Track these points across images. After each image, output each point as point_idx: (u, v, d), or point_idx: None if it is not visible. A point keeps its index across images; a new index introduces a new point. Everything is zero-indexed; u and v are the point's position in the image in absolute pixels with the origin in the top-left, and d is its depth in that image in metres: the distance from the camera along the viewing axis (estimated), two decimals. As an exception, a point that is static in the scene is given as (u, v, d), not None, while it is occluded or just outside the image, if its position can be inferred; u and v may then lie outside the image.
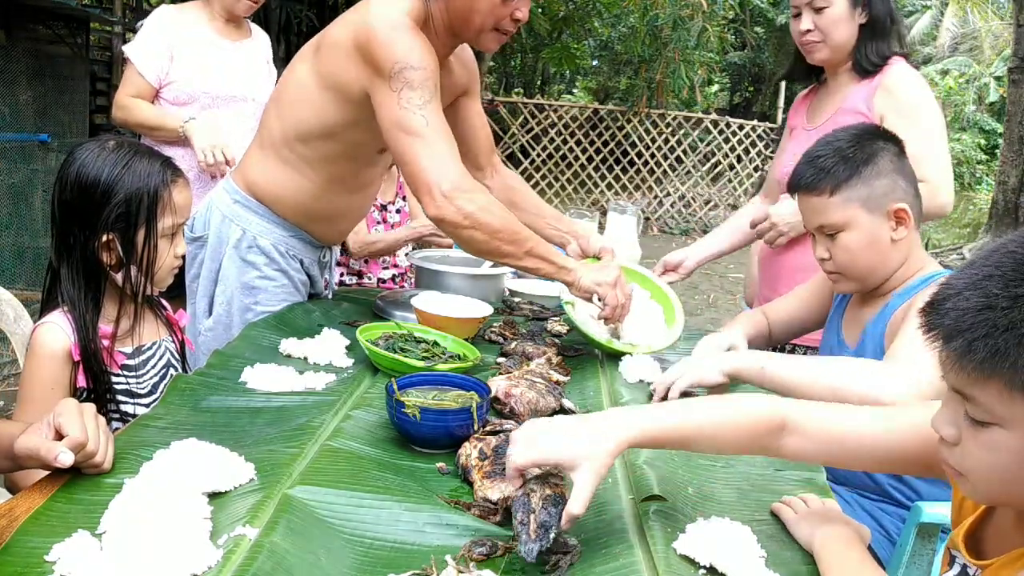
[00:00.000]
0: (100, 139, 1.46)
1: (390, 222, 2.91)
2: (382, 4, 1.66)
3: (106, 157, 1.40)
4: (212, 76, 2.58)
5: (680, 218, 9.93)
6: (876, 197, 1.48)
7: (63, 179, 1.40)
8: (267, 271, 1.89)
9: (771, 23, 10.74)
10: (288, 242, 1.91)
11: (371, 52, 1.61)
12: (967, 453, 0.79)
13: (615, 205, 3.25)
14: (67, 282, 1.41)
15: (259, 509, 0.97)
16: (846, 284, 1.58)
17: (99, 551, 0.86)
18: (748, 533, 0.99)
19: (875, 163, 1.48)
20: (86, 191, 1.38)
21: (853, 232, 1.50)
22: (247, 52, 2.69)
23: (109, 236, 1.40)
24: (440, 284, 2.06)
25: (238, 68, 2.65)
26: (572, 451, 0.92)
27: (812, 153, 1.54)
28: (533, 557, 0.89)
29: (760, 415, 1.00)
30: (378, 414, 1.33)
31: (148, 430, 1.21)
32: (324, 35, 1.76)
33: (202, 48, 2.59)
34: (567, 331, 1.95)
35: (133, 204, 1.40)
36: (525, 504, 0.91)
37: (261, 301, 1.89)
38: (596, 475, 0.92)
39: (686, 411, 1.01)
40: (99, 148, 1.42)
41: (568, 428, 0.97)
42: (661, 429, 0.98)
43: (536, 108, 9.76)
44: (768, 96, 11.44)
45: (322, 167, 1.82)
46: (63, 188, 1.40)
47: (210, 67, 2.58)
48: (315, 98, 1.74)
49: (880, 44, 1.96)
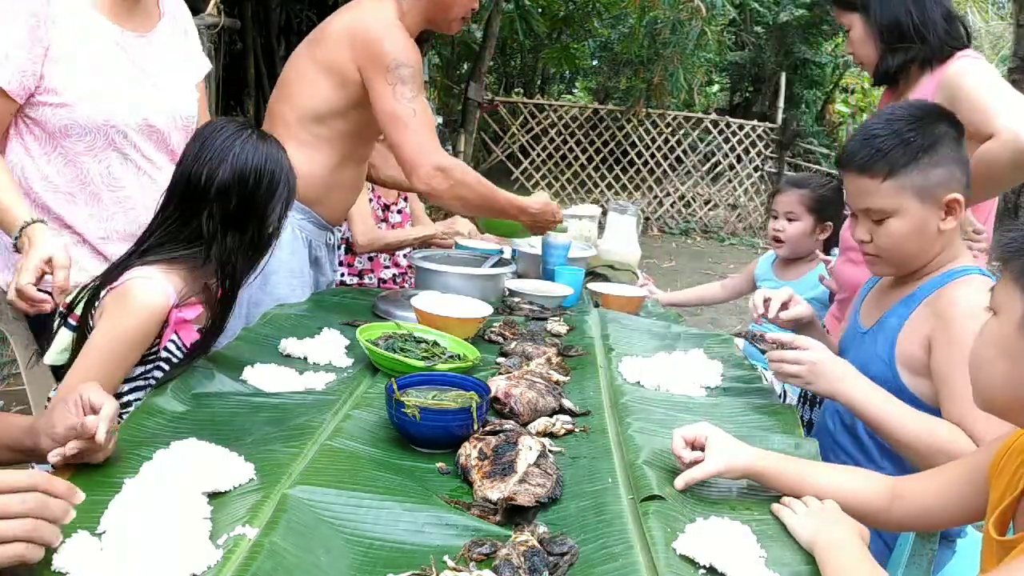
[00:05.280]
0: (229, 120, 1.51)
1: (391, 222, 2.92)
2: (374, 5, 1.93)
3: (266, 146, 1.48)
4: (116, 96, 1.65)
5: (680, 218, 9.92)
6: (931, 187, 1.39)
7: (225, 167, 1.42)
8: (280, 254, 1.96)
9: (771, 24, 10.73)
10: (300, 224, 2.08)
11: (370, 49, 1.89)
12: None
13: (615, 205, 3.25)
14: (227, 252, 1.45)
15: (259, 509, 0.97)
16: (882, 267, 1.51)
17: (99, 551, 0.86)
18: (748, 533, 1.00)
19: (935, 151, 1.39)
20: (254, 179, 1.44)
21: (902, 220, 1.41)
22: (162, 44, 1.78)
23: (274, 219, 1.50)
24: (440, 284, 2.06)
25: (155, 73, 1.74)
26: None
27: (869, 130, 1.43)
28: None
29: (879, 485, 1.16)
30: (378, 414, 1.33)
31: (148, 430, 1.21)
32: (321, 29, 2.00)
33: (94, 47, 1.63)
34: (567, 331, 1.95)
35: (292, 187, 1.51)
36: (509, 565, 0.91)
37: (271, 281, 2.03)
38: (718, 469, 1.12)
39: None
40: (246, 134, 1.47)
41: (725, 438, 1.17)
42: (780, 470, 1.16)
43: (536, 108, 9.75)
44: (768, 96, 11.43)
45: (336, 144, 2.04)
46: (224, 175, 1.42)
47: (111, 81, 1.65)
48: (319, 84, 1.97)
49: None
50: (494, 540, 0.97)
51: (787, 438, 1.33)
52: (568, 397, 1.47)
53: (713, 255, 8.58)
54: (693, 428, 1.17)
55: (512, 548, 0.95)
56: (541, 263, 2.45)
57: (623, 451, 1.25)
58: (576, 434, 1.35)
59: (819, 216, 2.56)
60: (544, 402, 1.38)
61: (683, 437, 1.16)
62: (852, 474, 1.23)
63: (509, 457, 1.13)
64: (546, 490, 1.08)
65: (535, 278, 2.42)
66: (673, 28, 8.14)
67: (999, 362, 0.93)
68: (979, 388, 0.98)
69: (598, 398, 1.51)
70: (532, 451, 1.15)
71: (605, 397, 1.52)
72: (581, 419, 1.41)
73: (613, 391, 1.54)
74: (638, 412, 1.41)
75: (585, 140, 9.72)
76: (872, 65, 2.00)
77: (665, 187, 9.85)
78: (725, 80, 13.41)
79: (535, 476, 1.10)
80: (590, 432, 1.36)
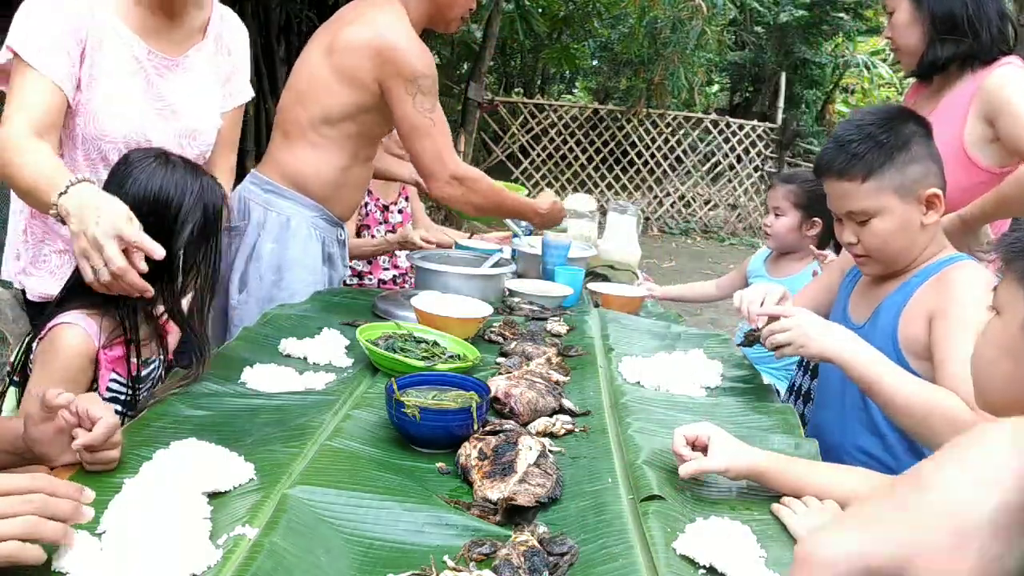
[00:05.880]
0: (148, 150, 1.44)
1: (391, 223, 2.91)
2: (389, 15, 1.99)
3: (176, 174, 1.38)
4: (120, 113, 1.58)
5: (680, 218, 9.92)
6: (909, 184, 1.43)
7: (128, 192, 1.34)
8: (294, 251, 2.11)
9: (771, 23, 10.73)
10: (314, 221, 2.14)
11: (393, 64, 1.96)
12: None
13: (615, 205, 3.26)
14: None
15: (259, 509, 0.97)
16: (873, 267, 1.54)
17: (99, 551, 0.86)
18: (748, 533, 1.00)
19: (909, 148, 1.43)
20: (163, 208, 1.36)
21: (885, 219, 1.45)
22: (193, 68, 1.70)
23: (180, 252, 1.38)
24: (440, 284, 2.06)
25: (173, 99, 1.66)
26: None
27: (843, 136, 1.48)
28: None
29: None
30: (378, 414, 1.33)
31: (148, 430, 1.21)
32: (336, 37, 2.04)
33: (113, 61, 1.57)
34: (567, 331, 1.95)
35: (210, 220, 1.40)
36: (509, 565, 0.91)
37: (286, 278, 2.10)
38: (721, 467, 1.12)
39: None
40: (156, 163, 1.39)
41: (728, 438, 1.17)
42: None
43: (536, 108, 9.75)
44: (768, 96, 11.43)
45: (345, 144, 2.11)
46: (129, 202, 1.30)
47: (120, 97, 1.58)
48: (335, 90, 2.03)
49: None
50: (494, 540, 0.97)
51: (787, 438, 1.34)
52: (568, 397, 1.47)
53: (713, 255, 8.58)
54: (694, 427, 1.17)
55: (512, 548, 0.95)
56: (541, 263, 2.45)
57: (623, 451, 1.25)
58: (576, 434, 1.35)
59: (806, 212, 2.56)
60: (544, 402, 1.38)
61: (684, 436, 1.17)
62: (852, 474, 1.23)
63: (509, 457, 1.13)
64: (546, 490, 1.08)
65: (535, 278, 2.42)
66: (673, 27, 8.15)
67: (1001, 362, 0.93)
68: (980, 388, 0.98)
69: (598, 398, 1.51)
70: (532, 451, 1.15)
71: (605, 397, 1.52)
72: (581, 419, 1.41)
73: (613, 391, 1.54)
74: (638, 412, 1.41)
75: (585, 140, 9.72)
76: (912, 54, 1.96)
77: (665, 187, 9.85)
78: (725, 80, 13.41)
79: (535, 476, 1.10)
80: (590, 432, 1.36)
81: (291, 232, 2.10)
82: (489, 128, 9.62)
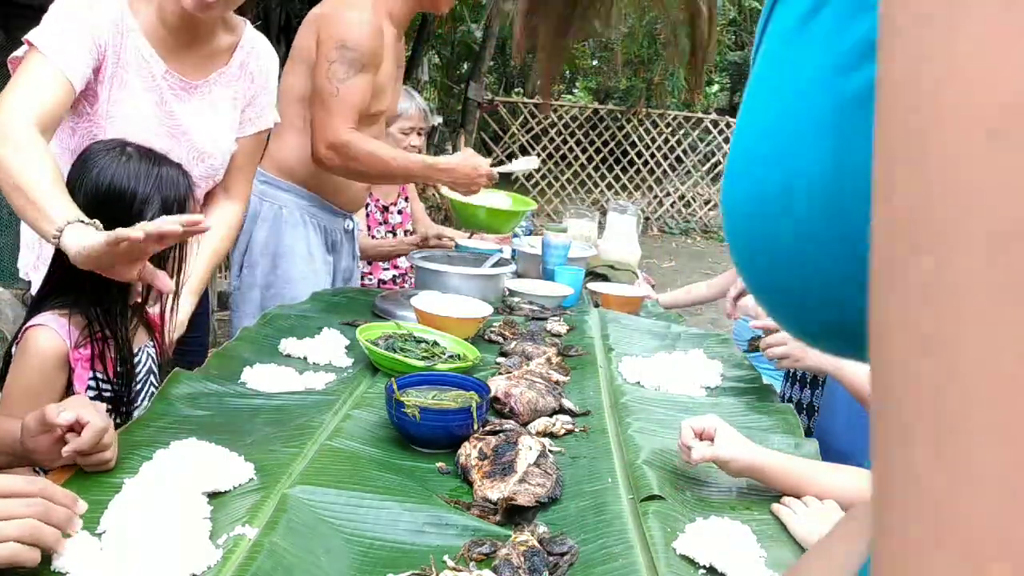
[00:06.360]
0: (108, 142, 1.42)
1: (391, 223, 2.91)
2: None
3: (130, 166, 1.36)
4: (119, 122, 1.54)
5: (680, 218, 9.92)
6: None
7: (84, 184, 1.34)
8: (288, 239, 2.16)
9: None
10: (309, 210, 2.19)
11: (325, 26, 1.97)
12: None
13: (615, 205, 3.25)
14: (93, 286, 1.33)
15: (259, 509, 0.97)
16: None
17: (99, 551, 0.86)
18: (748, 533, 1.00)
19: None
20: (116, 200, 1.34)
21: None
22: (213, 92, 1.67)
23: None
24: (440, 284, 2.06)
25: (187, 122, 1.63)
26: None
27: None
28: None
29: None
30: (378, 414, 1.33)
31: (148, 430, 1.21)
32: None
33: (138, 80, 1.55)
34: (567, 331, 1.95)
35: (169, 211, 1.35)
36: (509, 565, 0.91)
37: (281, 265, 2.16)
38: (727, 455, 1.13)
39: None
40: (119, 154, 1.37)
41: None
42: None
43: (536, 108, 9.75)
44: (768, 96, 11.42)
45: None
46: (85, 194, 1.32)
47: (138, 117, 1.56)
48: (296, 69, 2.08)
49: None
50: (494, 540, 0.97)
51: (787, 438, 1.34)
52: (568, 397, 1.47)
53: (713, 255, 8.58)
54: (701, 419, 1.18)
55: (512, 548, 0.95)
56: (541, 263, 2.45)
57: (623, 451, 1.25)
58: (576, 434, 1.35)
59: None
60: (544, 402, 1.38)
61: (692, 428, 1.17)
62: (852, 474, 1.23)
63: (509, 457, 1.13)
64: (546, 490, 1.08)
65: (535, 278, 2.42)
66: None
67: None
68: None
69: (598, 398, 1.51)
70: (532, 451, 1.15)
71: (605, 397, 1.52)
72: (581, 419, 1.41)
73: (613, 391, 1.54)
74: (638, 412, 1.41)
75: (585, 140, 9.72)
76: None
77: (665, 187, 9.84)
78: (725, 80, 13.40)
79: (535, 476, 1.10)
80: (590, 432, 1.36)
81: (283, 220, 2.16)
82: (489, 128, 9.61)
